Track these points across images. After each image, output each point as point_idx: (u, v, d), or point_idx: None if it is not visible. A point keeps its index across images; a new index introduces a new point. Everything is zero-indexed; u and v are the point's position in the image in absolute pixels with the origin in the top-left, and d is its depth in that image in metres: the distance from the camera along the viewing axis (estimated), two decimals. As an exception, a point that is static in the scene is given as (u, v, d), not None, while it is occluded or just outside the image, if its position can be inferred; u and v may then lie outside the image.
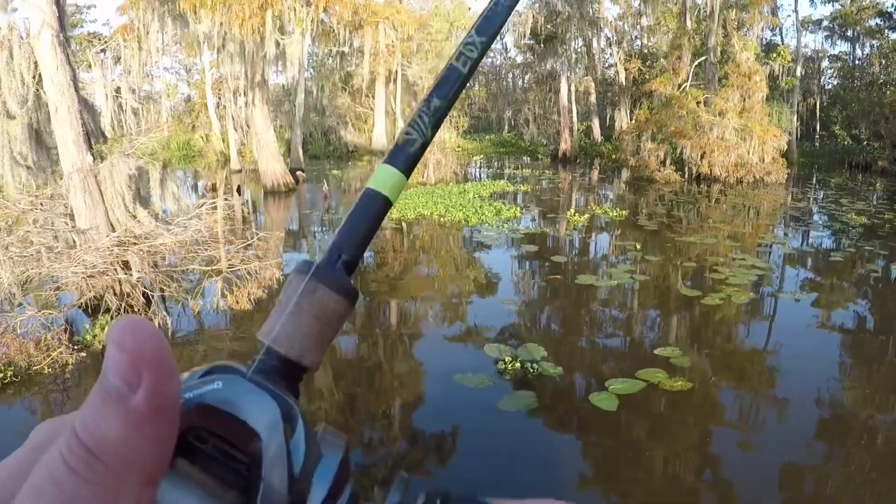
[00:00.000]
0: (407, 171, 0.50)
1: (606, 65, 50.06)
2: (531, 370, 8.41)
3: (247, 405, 0.37)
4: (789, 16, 45.61)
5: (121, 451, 0.30)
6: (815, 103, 51.29)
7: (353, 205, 0.50)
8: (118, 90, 13.17)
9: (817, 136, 50.73)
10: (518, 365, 8.54)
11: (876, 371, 9.24)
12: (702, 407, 7.89)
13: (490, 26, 0.54)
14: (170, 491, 0.34)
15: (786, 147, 32.57)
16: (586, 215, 20.64)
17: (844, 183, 32.81)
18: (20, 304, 8.79)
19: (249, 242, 11.86)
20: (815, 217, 22.42)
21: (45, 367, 8.06)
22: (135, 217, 10.44)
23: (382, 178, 0.50)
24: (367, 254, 0.82)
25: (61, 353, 8.24)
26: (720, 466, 6.62)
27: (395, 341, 10.20)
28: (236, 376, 0.38)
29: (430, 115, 0.51)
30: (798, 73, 41.72)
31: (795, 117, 41.74)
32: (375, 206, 0.49)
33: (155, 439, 0.31)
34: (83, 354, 8.56)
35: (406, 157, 0.50)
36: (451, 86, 0.52)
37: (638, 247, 15.82)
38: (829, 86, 55.31)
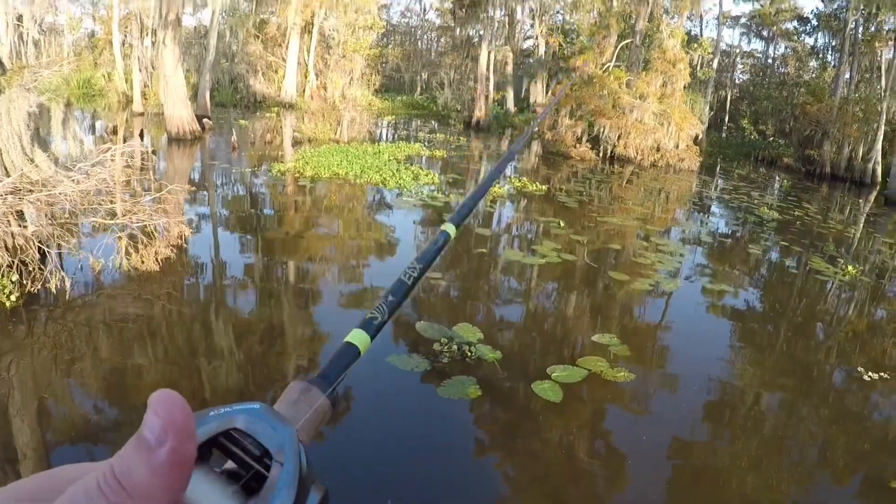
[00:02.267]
0: (372, 336, 0.75)
1: (526, 36, 49.77)
2: (469, 354, 7.89)
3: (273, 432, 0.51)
4: (711, 8, 46.03)
5: (143, 489, 0.40)
6: (726, 96, 52.43)
7: (338, 349, 0.71)
8: (20, 18, 11.90)
9: (725, 128, 51.87)
10: (455, 348, 8.01)
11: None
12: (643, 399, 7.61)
13: (425, 257, 0.91)
14: (197, 482, 0.46)
15: (700, 135, 32.98)
16: (506, 187, 20.18)
17: (750, 175, 33.60)
18: None
19: (157, 195, 10.90)
20: (731, 208, 22.59)
21: None
22: (32, 161, 9.35)
23: (358, 336, 0.73)
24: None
25: None
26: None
27: (320, 315, 9.53)
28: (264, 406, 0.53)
29: (388, 304, 0.80)
30: (714, 66, 42.33)
31: (708, 107, 42.41)
32: (350, 353, 0.71)
33: (169, 483, 0.41)
34: None
35: (371, 327, 0.76)
36: (402, 289, 0.84)
37: (561, 224, 15.47)
38: (739, 80, 56.68)
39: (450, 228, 1.04)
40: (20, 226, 8.44)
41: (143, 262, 9.44)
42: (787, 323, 11.27)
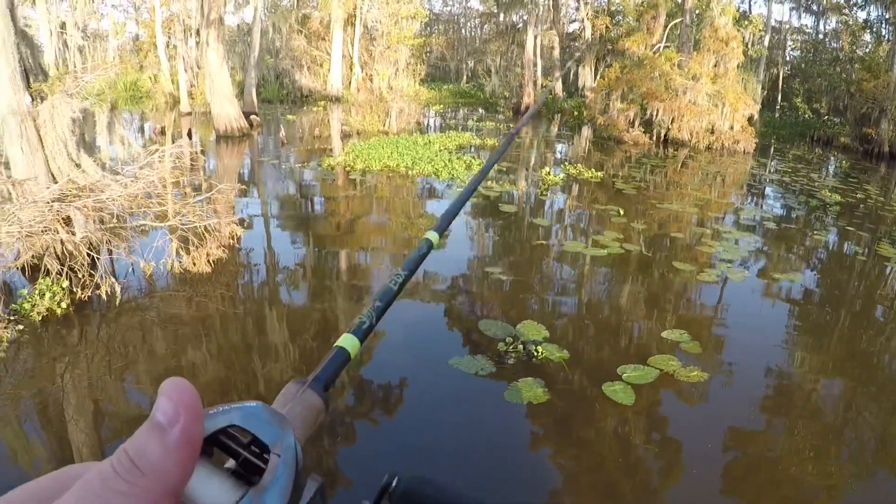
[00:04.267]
0: (361, 340, 0.77)
1: (572, 19, 49.04)
2: (536, 354, 7.50)
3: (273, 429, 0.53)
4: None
5: (157, 467, 0.43)
6: (778, 74, 50.96)
7: (330, 352, 0.73)
8: (63, 26, 11.76)
9: (778, 107, 50.47)
10: (521, 348, 7.64)
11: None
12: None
13: (410, 264, 0.97)
14: (199, 474, 0.48)
15: (754, 116, 32.04)
16: (561, 174, 19.69)
17: (806, 156, 32.47)
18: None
19: (207, 195, 10.69)
20: (791, 191, 21.72)
21: None
22: (79, 166, 9.15)
23: (348, 340, 0.75)
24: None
25: None
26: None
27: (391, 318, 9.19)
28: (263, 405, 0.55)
29: (376, 310, 0.83)
30: (765, 43, 41.20)
31: (760, 87, 41.30)
32: (341, 357, 0.73)
33: (180, 462, 0.44)
34: (20, 327, 7.40)
35: (361, 332, 0.78)
36: (389, 294, 0.88)
37: (621, 212, 14.96)
38: (790, 58, 55.16)
39: (432, 236, 1.10)
40: (69, 232, 8.24)
41: (194, 263, 9.26)
42: (856, 311, 10.68)
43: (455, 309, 9.23)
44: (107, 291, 8.10)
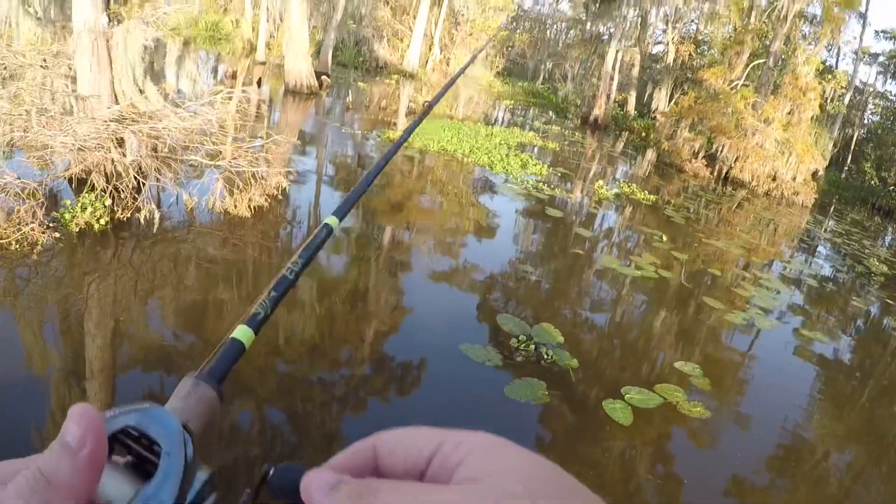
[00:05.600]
0: (256, 331, 0.76)
1: (657, 41, 48.58)
2: (546, 356, 7.55)
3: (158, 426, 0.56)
4: (850, 41, 43.95)
5: (66, 482, 0.48)
6: (853, 135, 49.92)
7: (223, 344, 0.73)
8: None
9: (846, 168, 49.49)
10: (532, 347, 7.69)
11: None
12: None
13: (307, 252, 0.93)
14: (105, 475, 0.52)
15: (819, 171, 31.51)
16: (614, 190, 19.61)
17: (864, 222, 31.78)
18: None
19: (262, 143, 10.84)
20: (839, 253, 21.37)
21: (13, 243, 7.11)
22: (142, 92, 9.35)
23: (243, 332, 0.75)
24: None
25: (32, 229, 7.27)
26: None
27: (408, 286, 9.39)
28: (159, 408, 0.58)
29: (270, 300, 0.82)
30: (845, 102, 40.41)
31: (832, 144, 40.51)
32: (235, 349, 0.73)
33: (87, 480, 0.49)
34: (57, 235, 7.59)
35: (255, 322, 0.77)
36: (285, 283, 0.85)
37: (664, 238, 14.88)
38: (868, 122, 53.95)
39: (332, 221, 1.08)
40: (120, 153, 8.43)
41: (235, 206, 9.39)
42: (875, 385, 10.52)
43: (478, 298, 9.29)
44: (146, 216, 8.33)
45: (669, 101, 43.29)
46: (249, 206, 9.56)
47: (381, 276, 9.49)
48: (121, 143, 8.74)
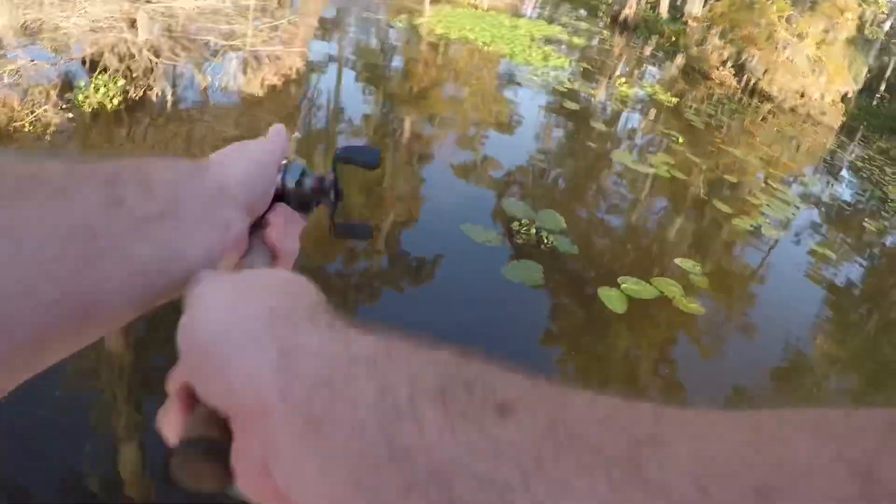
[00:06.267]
0: None
1: (699, -59, 46.97)
2: (545, 240, 7.58)
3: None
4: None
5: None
6: (889, 63, 48.59)
7: None
8: None
9: (878, 96, 48.32)
10: (533, 231, 7.70)
11: None
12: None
13: None
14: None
15: (849, 94, 30.85)
16: (635, 89, 19.29)
17: (891, 151, 31.06)
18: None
19: (278, 23, 10.72)
20: (860, 177, 20.98)
21: (27, 125, 7.07)
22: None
23: None
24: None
25: (46, 111, 7.24)
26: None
27: (427, 176, 9.37)
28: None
29: None
30: (885, 28, 39.22)
31: (866, 70, 39.48)
32: None
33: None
34: (70, 116, 7.53)
35: None
36: None
37: (680, 140, 14.68)
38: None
39: None
40: (133, 34, 8.39)
41: (248, 84, 9.37)
42: (881, 312, 10.55)
43: (486, 183, 9.28)
44: (158, 95, 8.32)
45: (704, 5, 42.14)
46: (262, 84, 9.51)
47: (398, 166, 9.38)
48: (133, 23, 8.68)
